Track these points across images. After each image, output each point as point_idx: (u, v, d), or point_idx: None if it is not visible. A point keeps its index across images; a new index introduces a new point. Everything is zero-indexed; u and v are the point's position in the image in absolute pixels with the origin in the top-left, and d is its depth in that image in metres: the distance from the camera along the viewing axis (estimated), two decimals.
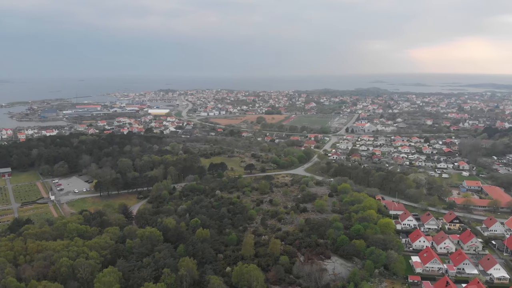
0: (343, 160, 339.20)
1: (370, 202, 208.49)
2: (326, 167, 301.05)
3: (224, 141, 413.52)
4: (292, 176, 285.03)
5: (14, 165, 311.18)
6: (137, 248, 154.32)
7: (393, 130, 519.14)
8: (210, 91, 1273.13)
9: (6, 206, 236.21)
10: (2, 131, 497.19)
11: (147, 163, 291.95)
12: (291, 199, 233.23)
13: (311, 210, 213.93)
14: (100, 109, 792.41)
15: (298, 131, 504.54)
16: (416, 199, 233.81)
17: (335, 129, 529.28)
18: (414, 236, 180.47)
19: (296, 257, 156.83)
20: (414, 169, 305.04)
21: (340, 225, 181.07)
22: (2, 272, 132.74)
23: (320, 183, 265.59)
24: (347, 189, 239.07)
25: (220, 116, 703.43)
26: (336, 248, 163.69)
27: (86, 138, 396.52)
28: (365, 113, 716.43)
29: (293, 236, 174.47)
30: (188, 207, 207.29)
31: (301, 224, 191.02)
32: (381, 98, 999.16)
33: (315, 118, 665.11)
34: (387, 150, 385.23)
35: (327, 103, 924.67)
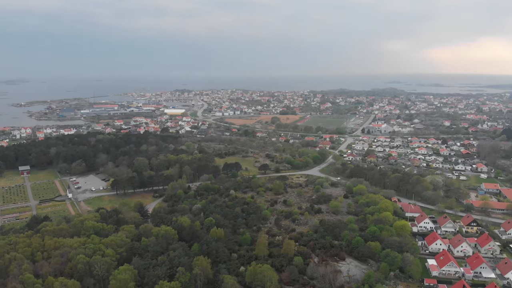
0: (358, 161, 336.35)
1: (386, 204, 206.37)
2: (341, 168, 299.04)
3: (239, 141, 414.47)
4: (306, 177, 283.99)
5: (33, 163, 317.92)
6: (152, 246, 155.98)
7: (410, 131, 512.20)
8: (225, 91, 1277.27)
9: (25, 203, 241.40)
10: (21, 129, 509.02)
11: (163, 162, 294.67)
12: (306, 200, 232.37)
13: (325, 211, 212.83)
14: (117, 109, 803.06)
15: (313, 132, 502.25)
16: (433, 201, 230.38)
17: (350, 130, 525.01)
18: (431, 238, 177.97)
19: (310, 258, 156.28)
20: (431, 171, 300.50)
21: (355, 227, 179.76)
22: (20, 268, 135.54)
23: (335, 184, 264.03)
24: (362, 190, 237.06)
25: (235, 116, 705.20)
26: (351, 250, 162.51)
27: (103, 137, 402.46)
28: (382, 113, 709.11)
29: (307, 237, 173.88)
30: (203, 206, 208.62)
31: (315, 225, 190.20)
32: (398, 98, 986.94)
33: (331, 119, 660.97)
34: (404, 152, 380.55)
35: (343, 103, 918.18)
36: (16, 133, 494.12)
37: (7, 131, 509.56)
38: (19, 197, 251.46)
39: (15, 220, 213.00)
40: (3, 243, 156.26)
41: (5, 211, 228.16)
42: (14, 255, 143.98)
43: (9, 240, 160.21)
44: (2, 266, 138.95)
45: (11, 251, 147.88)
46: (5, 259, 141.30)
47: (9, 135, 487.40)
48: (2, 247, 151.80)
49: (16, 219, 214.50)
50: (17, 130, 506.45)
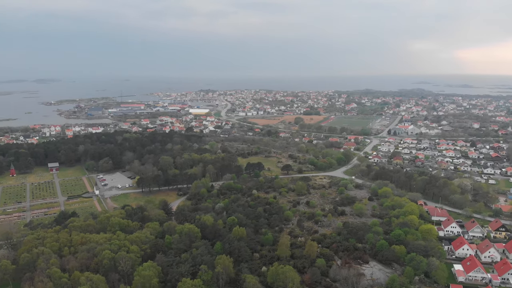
0: (384, 163, 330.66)
1: (411, 207, 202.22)
2: (366, 170, 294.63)
3: (262, 141, 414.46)
4: (330, 178, 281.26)
5: (61, 160, 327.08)
6: (176, 243, 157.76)
7: (437, 133, 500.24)
8: (248, 91, 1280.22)
9: (54, 199, 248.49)
10: (51, 127, 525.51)
11: (187, 161, 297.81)
12: (329, 202, 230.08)
13: (349, 214, 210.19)
14: (144, 108, 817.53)
15: (337, 132, 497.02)
16: (461, 205, 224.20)
17: (376, 131, 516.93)
18: (457, 243, 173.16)
19: (333, 260, 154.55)
20: (459, 174, 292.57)
21: (379, 230, 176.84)
22: (47, 262, 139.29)
23: (360, 186, 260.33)
24: (388, 193, 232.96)
25: (258, 116, 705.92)
26: (375, 253, 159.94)
27: (130, 135, 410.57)
28: (409, 115, 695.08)
29: (331, 239, 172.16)
30: (225, 205, 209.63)
31: (339, 227, 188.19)
32: (426, 99, 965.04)
33: (356, 119, 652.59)
34: (431, 154, 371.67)
35: (369, 104, 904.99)
36: (46, 131, 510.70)
37: (37, 129, 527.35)
38: (48, 193, 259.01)
39: (43, 216, 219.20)
40: (32, 237, 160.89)
41: (34, 206, 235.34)
42: (42, 249, 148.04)
43: (37, 235, 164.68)
44: (30, 260, 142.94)
45: (39, 246, 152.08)
46: (33, 253, 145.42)
47: (39, 133, 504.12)
48: (31, 241, 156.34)
49: (45, 215, 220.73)
50: (47, 128, 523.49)
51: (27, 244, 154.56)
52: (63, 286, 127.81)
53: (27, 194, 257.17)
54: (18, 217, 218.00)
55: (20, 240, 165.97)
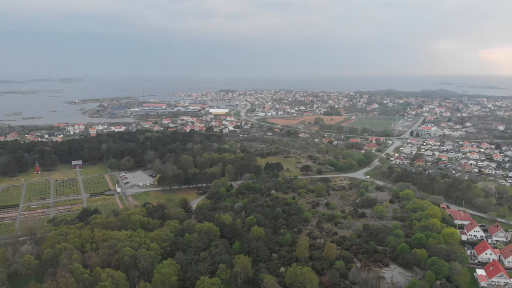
0: (406, 165, 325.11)
1: (434, 210, 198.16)
2: (387, 171, 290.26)
3: (281, 141, 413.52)
4: (350, 180, 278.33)
5: (85, 158, 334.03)
6: (195, 242, 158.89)
7: (461, 135, 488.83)
8: (268, 92, 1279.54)
9: (76, 196, 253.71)
10: (75, 126, 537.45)
11: (207, 160, 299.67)
12: (349, 204, 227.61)
13: (370, 216, 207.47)
14: (165, 108, 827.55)
15: (358, 133, 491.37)
16: (484, 209, 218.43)
17: (398, 132, 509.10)
18: (480, 248, 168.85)
19: (352, 263, 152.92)
20: (483, 177, 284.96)
21: (400, 233, 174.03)
22: (70, 258, 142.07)
23: (381, 188, 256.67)
24: (409, 195, 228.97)
25: (277, 117, 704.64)
26: (395, 256, 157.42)
27: (151, 134, 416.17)
28: (432, 116, 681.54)
29: (350, 242, 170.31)
30: (244, 205, 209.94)
31: (358, 229, 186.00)
32: (449, 100, 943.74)
33: (377, 120, 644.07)
34: (454, 156, 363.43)
35: (391, 104, 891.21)
36: (70, 129, 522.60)
37: (61, 127, 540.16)
38: (71, 190, 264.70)
39: (66, 212, 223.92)
40: (55, 233, 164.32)
41: (57, 203, 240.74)
42: (65, 245, 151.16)
43: (60, 231, 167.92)
44: (53, 255, 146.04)
45: (62, 242, 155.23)
46: (56, 249, 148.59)
47: (63, 131, 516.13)
48: (54, 237, 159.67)
49: (68, 211, 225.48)
50: (71, 126, 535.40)
51: (50, 239, 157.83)
52: (85, 281, 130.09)
53: (51, 191, 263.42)
54: (42, 213, 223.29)
55: (44, 235, 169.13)
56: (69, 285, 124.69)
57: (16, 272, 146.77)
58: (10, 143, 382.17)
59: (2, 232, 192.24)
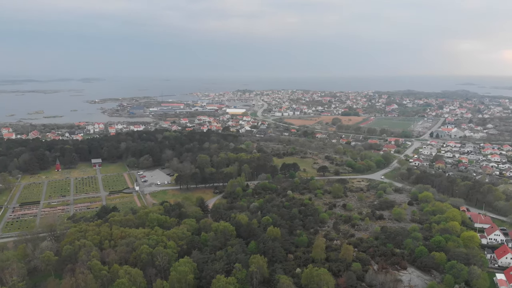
0: (425, 167, 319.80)
1: (453, 213, 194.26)
2: (406, 173, 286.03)
3: (297, 142, 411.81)
4: (368, 181, 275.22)
5: (104, 157, 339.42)
6: (211, 241, 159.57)
7: (482, 136, 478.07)
8: (285, 92, 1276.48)
9: (96, 194, 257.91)
10: (95, 125, 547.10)
11: (223, 160, 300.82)
12: (367, 205, 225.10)
13: (387, 218, 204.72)
14: (183, 108, 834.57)
15: (377, 134, 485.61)
16: (505, 212, 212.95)
17: (418, 133, 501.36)
18: (501, 252, 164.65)
19: (369, 265, 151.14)
20: (505, 180, 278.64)
21: (419, 236, 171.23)
22: (89, 254, 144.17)
23: (399, 190, 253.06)
24: (428, 198, 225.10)
25: (294, 117, 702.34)
26: (413, 259, 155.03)
27: (170, 134, 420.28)
28: (452, 117, 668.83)
29: (367, 244, 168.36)
30: (260, 205, 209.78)
31: (376, 231, 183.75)
32: (470, 101, 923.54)
33: (396, 121, 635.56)
34: (475, 158, 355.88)
35: (410, 105, 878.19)
36: (90, 128, 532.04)
37: (82, 126, 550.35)
38: (90, 188, 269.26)
39: (86, 209, 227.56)
40: (74, 230, 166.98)
41: (77, 200, 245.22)
42: (84, 242, 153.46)
43: (80, 227, 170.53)
44: (72, 252, 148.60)
45: (81, 238, 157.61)
46: (75, 246, 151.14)
47: (83, 130, 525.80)
48: (73, 234, 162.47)
49: (87, 208, 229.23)
50: (91, 125, 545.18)
51: (70, 236, 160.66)
52: (103, 278, 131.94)
53: (71, 188, 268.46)
54: (62, 210, 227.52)
55: (63, 232, 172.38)
56: (88, 281, 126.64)
57: (36, 267, 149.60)
58: (32, 141, 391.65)
59: (23, 228, 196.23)
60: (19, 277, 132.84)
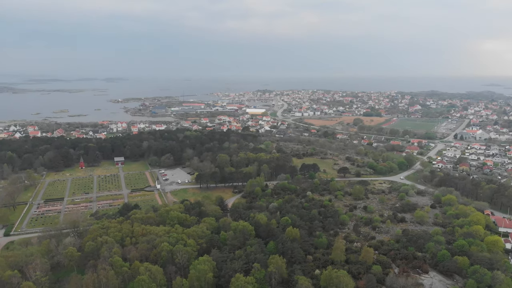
0: (449, 169, 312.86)
1: (477, 216, 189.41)
2: (429, 175, 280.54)
3: (317, 142, 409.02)
4: (390, 183, 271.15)
5: (127, 155, 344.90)
6: (230, 240, 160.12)
7: (508, 139, 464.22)
8: (305, 92, 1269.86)
9: (118, 191, 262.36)
10: (118, 124, 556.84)
11: (243, 159, 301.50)
12: (388, 208, 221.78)
13: (409, 221, 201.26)
14: (204, 107, 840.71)
15: (399, 135, 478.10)
16: None
17: (441, 135, 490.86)
18: None
19: (390, 268, 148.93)
20: None
21: (441, 239, 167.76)
22: (110, 251, 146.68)
23: (422, 193, 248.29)
24: (452, 201, 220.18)
25: (315, 117, 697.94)
26: (435, 263, 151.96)
27: (190, 133, 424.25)
28: (477, 118, 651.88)
29: (388, 246, 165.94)
30: (279, 205, 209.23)
31: (397, 234, 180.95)
32: (496, 103, 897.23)
33: (420, 122, 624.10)
34: (501, 161, 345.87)
35: (434, 106, 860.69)
36: (113, 127, 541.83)
37: (105, 125, 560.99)
38: (113, 186, 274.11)
39: (108, 207, 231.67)
40: (97, 227, 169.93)
41: (100, 197, 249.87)
42: (106, 238, 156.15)
43: (102, 224, 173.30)
44: (95, 248, 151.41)
45: (103, 235, 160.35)
46: (98, 242, 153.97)
47: (107, 128, 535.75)
48: (96, 230, 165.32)
49: (110, 206, 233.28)
50: (114, 124, 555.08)
51: (92, 233, 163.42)
52: (124, 274, 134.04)
53: (94, 185, 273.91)
54: (85, 207, 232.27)
55: (86, 229, 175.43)
56: (109, 277, 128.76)
57: (59, 263, 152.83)
58: (57, 139, 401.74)
59: (47, 224, 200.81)
60: (43, 272, 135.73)
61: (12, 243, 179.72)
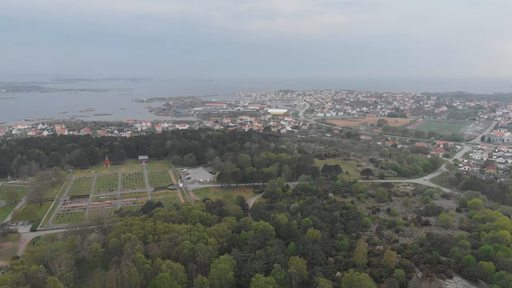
0: (476, 172, 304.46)
1: (504, 221, 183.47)
2: (455, 178, 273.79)
3: (340, 143, 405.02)
4: (414, 186, 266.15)
5: (150, 154, 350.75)
6: (251, 240, 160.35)
7: None
8: (328, 92, 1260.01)
9: (142, 189, 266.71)
10: (142, 123, 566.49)
11: (264, 159, 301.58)
12: (412, 211, 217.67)
13: (434, 225, 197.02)
14: (226, 107, 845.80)
15: (424, 137, 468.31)
16: None
17: (468, 137, 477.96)
18: None
19: (413, 272, 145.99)
20: None
21: (466, 244, 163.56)
22: (133, 248, 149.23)
23: (447, 196, 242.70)
24: (478, 205, 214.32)
25: (337, 117, 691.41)
26: (459, 268, 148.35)
27: (212, 133, 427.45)
28: (505, 120, 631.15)
29: (412, 250, 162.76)
30: (300, 206, 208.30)
31: (421, 238, 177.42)
32: None
33: (446, 124, 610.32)
34: None
35: (461, 107, 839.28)
36: (138, 126, 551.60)
37: (130, 124, 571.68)
38: (137, 183, 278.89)
39: (132, 204, 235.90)
40: (121, 224, 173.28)
41: (124, 195, 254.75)
42: (129, 235, 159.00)
43: (125, 221, 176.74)
44: (118, 244, 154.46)
45: (126, 232, 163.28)
46: (121, 239, 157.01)
47: (131, 127, 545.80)
48: (120, 227, 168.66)
49: (133, 203, 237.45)
50: (139, 123, 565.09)
51: (116, 229, 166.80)
52: (146, 271, 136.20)
53: (118, 183, 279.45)
54: (109, 204, 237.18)
55: (110, 225, 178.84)
56: (132, 273, 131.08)
57: (83, 258, 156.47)
58: (83, 137, 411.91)
59: (73, 220, 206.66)
60: (67, 267, 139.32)
61: (38, 238, 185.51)
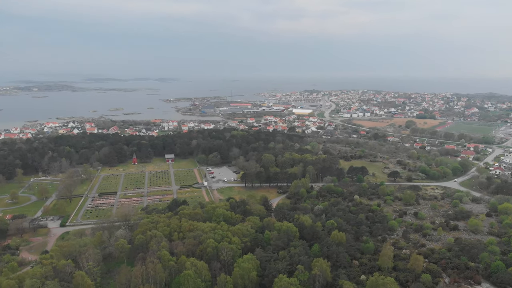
0: (507, 176, 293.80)
1: None
2: (486, 182, 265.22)
3: (367, 145, 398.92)
4: (443, 189, 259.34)
5: (177, 153, 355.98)
6: (274, 240, 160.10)
7: None
8: (355, 92, 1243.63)
9: (168, 187, 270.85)
10: (169, 122, 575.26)
11: (288, 160, 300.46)
12: (440, 215, 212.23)
13: (463, 229, 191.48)
14: (250, 107, 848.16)
15: (454, 139, 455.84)
16: None
17: (500, 140, 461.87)
18: None
19: (440, 277, 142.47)
20: None
21: (496, 250, 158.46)
22: (159, 245, 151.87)
23: (477, 200, 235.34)
24: (509, 209, 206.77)
25: (364, 118, 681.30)
26: (488, 275, 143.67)
27: (237, 133, 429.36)
28: None
29: (439, 255, 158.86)
30: (325, 208, 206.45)
31: (449, 243, 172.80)
32: None
33: (476, 126, 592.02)
34: None
35: (492, 109, 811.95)
36: (165, 125, 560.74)
37: (157, 123, 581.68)
38: (163, 181, 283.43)
39: (158, 202, 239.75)
40: (147, 221, 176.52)
41: (151, 192, 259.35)
42: (155, 232, 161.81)
43: (152, 219, 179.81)
44: (144, 241, 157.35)
45: (152, 229, 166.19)
46: (147, 236, 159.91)
47: (159, 127, 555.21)
48: (146, 224, 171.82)
49: (160, 201, 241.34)
50: (166, 123, 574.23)
51: (142, 226, 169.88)
52: (171, 268, 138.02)
53: (145, 181, 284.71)
54: (136, 201, 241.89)
55: (137, 222, 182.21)
56: (157, 270, 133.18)
57: (110, 254, 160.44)
58: (112, 136, 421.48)
59: (101, 216, 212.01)
60: (95, 262, 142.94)
61: (67, 233, 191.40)
